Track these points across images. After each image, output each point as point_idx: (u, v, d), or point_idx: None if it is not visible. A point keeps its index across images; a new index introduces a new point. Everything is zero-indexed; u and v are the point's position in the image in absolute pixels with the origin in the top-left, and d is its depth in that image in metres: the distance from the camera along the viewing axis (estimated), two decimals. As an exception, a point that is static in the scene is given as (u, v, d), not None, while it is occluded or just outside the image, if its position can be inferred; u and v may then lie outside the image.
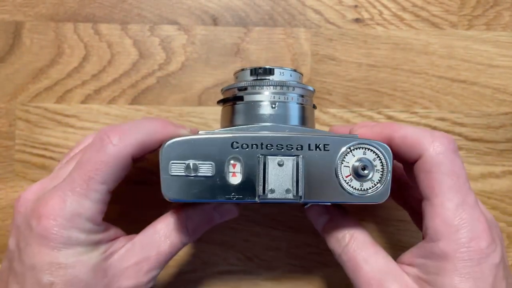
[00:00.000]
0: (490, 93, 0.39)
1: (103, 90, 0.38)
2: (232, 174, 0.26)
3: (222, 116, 0.32)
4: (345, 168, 0.27)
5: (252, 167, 0.26)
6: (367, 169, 0.26)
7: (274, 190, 0.26)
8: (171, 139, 0.26)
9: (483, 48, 0.39)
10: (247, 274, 0.38)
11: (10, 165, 0.38)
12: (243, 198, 0.26)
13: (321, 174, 0.26)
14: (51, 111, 0.38)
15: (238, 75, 0.31)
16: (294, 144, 0.26)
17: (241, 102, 0.30)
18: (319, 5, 0.39)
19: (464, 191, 0.26)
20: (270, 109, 0.29)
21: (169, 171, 0.26)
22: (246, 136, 0.26)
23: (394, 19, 0.39)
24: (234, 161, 0.26)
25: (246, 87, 0.30)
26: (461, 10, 0.39)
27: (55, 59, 0.38)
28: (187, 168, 0.26)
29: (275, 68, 0.30)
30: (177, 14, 0.39)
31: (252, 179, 0.26)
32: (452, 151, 0.26)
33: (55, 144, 0.38)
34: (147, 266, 0.28)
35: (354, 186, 0.27)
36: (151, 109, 0.38)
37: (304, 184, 0.26)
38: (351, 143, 0.27)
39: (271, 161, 0.26)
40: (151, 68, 0.38)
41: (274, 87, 0.29)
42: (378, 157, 0.27)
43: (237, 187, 0.26)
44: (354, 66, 0.39)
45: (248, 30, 0.39)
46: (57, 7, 0.38)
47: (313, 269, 0.38)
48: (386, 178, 0.27)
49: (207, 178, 0.26)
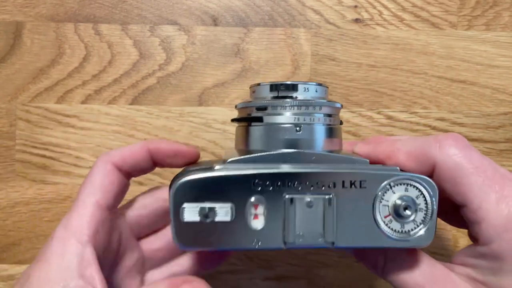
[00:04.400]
0: (490, 93, 0.39)
1: (103, 90, 0.38)
2: (254, 217, 0.23)
3: (237, 136, 0.28)
4: (384, 208, 0.23)
5: (277, 208, 0.23)
6: (409, 208, 0.23)
7: (303, 235, 0.23)
8: (183, 178, 0.23)
9: (483, 48, 0.39)
10: (247, 274, 0.38)
11: (10, 165, 0.38)
12: (267, 245, 0.23)
13: (356, 215, 0.23)
14: (52, 111, 0.38)
15: (255, 89, 0.28)
16: (325, 181, 0.23)
17: (260, 123, 0.26)
18: (319, 5, 0.39)
19: (497, 182, 0.23)
20: (294, 132, 0.25)
21: (181, 216, 0.22)
22: (269, 174, 0.23)
23: (393, 20, 0.39)
24: (256, 201, 0.23)
25: (266, 106, 0.26)
26: (461, 10, 0.39)
27: (55, 59, 0.38)
28: (202, 212, 0.22)
29: (298, 84, 0.26)
30: (177, 14, 0.39)
31: (277, 222, 0.23)
32: (463, 147, 0.24)
33: (55, 144, 0.38)
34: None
35: (394, 228, 0.23)
36: (152, 109, 0.38)
37: (336, 228, 0.23)
38: (391, 179, 0.23)
39: (299, 202, 0.23)
40: (151, 68, 0.38)
41: (298, 108, 0.25)
42: (421, 194, 0.23)
43: (261, 232, 0.23)
44: (354, 66, 0.39)
45: (248, 31, 0.39)
46: (58, 7, 0.38)
47: (313, 269, 0.38)
48: (430, 218, 0.23)
49: (226, 223, 0.23)
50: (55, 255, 0.24)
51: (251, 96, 0.28)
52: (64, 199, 0.38)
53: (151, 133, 0.38)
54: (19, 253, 0.38)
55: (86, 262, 0.24)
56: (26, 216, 0.38)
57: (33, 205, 0.38)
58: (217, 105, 0.38)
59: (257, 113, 0.26)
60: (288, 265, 0.38)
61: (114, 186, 0.26)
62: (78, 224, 0.25)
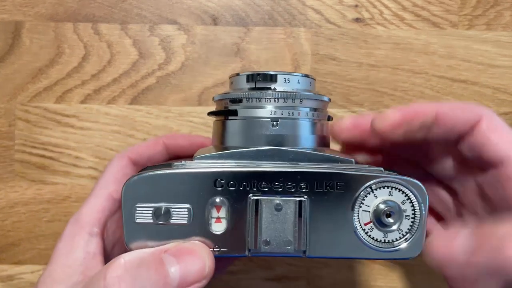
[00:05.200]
0: (491, 93, 0.39)
1: (103, 90, 0.38)
2: (216, 220, 0.21)
3: (213, 132, 0.26)
4: (364, 214, 0.21)
5: (241, 211, 0.21)
6: (393, 215, 0.21)
7: (270, 241, 0.21)
8: (135, 175, 0.21)
9: (484, 48, 0.39)
10: (246, 274, 0.38)
11: (9, 165, 0.38)
12: (228, 252, 0.21)
13: (332, 221, 0.21)
14: (51, 111, 0.38)
15: (232, 80, 0.26)
16: (296, 182, 0.21)
17: (235, 117, 0.24)
18: (319, 4, 0.39)
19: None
20: (270, 127, 0.23)
21: (133, 217, 0.21)
22: (233, 172, 0.20)
23: (394, 19, 0.39)
24: (218, 203, 0.21)
25: (241, 98, 0.23)
26: (462, 10, 0.39)
27: (54, 59, 0.38)
28: (157, 213, 0.20)
29: (278, 74, 0.24)
30: (177, 14, 0.39)
31: (240, 226, 0.21)
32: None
33: (54, 144, 0.38)
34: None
35: (376, 237, 0.21)
36: (151, 109, 0.38)
37: (309, 235, 0.21)
38: (373, 181, 0.21)
39: (266, 205, 0.21)
40: (151, 68, 0.38)
41: (276, 100, 0.23)
42: (408, 199, 0.21)
43: (221, 237, 0.21)
44: (355, 66, 0.39)
45: (248, 30, 0.39)
46: (57, 7, 0.38)
47: (312, 270, 0.38)
48: (418, 227, 0.21)
49: (183, 226, 0.21)
50: (61, 255, 0.25)
51: (230, 88, 0.26)
52: (64, 199, 0.38)
53: (151, 133, 0.38)
54: (18, 253, 0.38)
55: (92, 254, 0.24)
56: (25, 216, 0.38)
57: (32, 205, 0.38)
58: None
59: (232, 105, 0.24)
60: (288, 266, 0.38)
61: None
62: (88, 217, 0.25)
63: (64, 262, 0.24)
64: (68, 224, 0.26)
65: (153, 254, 0.21)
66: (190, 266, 0.20)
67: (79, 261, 0.24)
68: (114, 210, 0.26)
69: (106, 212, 0.26)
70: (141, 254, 0.21)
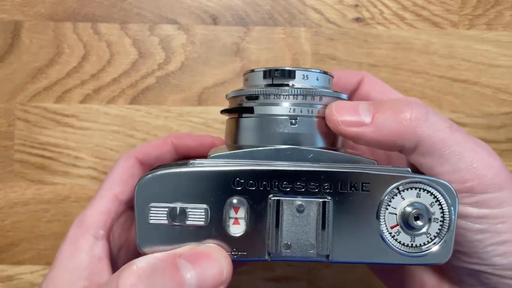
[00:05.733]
0: (491, 93, 0.39)
1: (102, 90, 0.38)
2: (234, 222, 0.20)
3: (226, 130, 0.25)
4: (391, 216, 0.20)
5: (261, 212, 0.20)
6: (421, 218, 0.20)
7: (291, 245, 0.20)
8: (149, 173, 0.20)
9: (484, 47, 0.39)
10: (247, 275, 0.38)
11: (9, 165, 0.38)
12: (247, 256, 0.20)
13: (356, 223, 0.20)
14: (50, 111, 0.38)
15: (247, 77, 0.25)
16: (320, 182, 0.20)
17: (251, 115, 0.23)
18: (319, 4, 0.39)
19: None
20: (289, 126, 0.22)
21: (147, 217, 0.20)
22: (252, 171, 0.20)
23: (394, 19, 0.39)
24: (236, 204, 0.20)
25: (258, 95, 0.22)
26: (462, 9, 0.39)
27: (54, 58, 0.38)
28: (172, 213, 0.20)
29: (296, 70, 0.23)
30: (177, 13, 0.39)
31: (260, 229, 0.20)
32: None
33: (54, 144, 0.38)
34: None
35: (403, 242, 0.20)
36: (151, 109, 0.38)
37: (332, 238, 0.20)
38: (400, 181, 0.20)
39: (287, 205, 0.20)
40: (150, 68, 0.38)
41: (295, 97, 0.22)
42: (437, 201, 0.20)
43: (240, 239, 0.20)
44: (355, 66, 0.38)
45: (248, 30, 0.38)
46: (56, 6, 0.38)
47: (313, 270, 0.38)
48: (447, 231, 0.20)
49: (199, 228, 0.20)
50: (65, 259, 0.24)
51: (244, 85, 0.25)
52: (63, 199, 0.38)
53: (151, 133, 0.38)
54: (18, 253, 0.38)
55: (97, 258, 0.23)
56: (25, 216, 0.38)
57: (32, 205, 0.38)
58: (217, 105, 0.38)
59: (247, 102, 0.23)
60: (289, 267, 0.38)
61: (135, 180, 0.25)
62: (93, 218, 0.24)
63: (68, 266, 0.23)
64: (72, 226, 0.25)
65: (167, 259, 0.19)
66: (207, 271, 0.19)
67: (84, 265, 0.23)
68: (120, 212, 0.26)
69: (112, 214, 0.25)
70: (154, 260, 0.20)
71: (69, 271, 0.23)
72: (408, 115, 0.21)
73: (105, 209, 0.25)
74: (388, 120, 0.21)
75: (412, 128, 0.21)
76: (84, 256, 0.23)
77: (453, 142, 0.21)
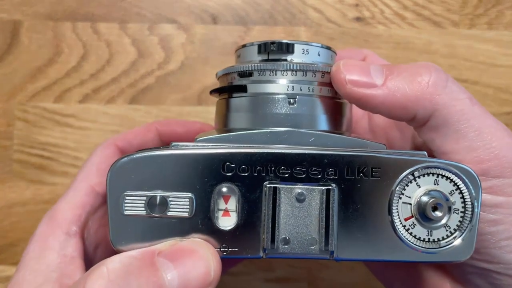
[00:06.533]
0: (492, 93, 0.38)
1: (101, 90, 0.38)
2: (223, 213, 0.17)
3: (216, 114, 0.22)
4: (404, 206, 0.17)
5: (255, 202, 0.17)
6: (440, 208, 0.17)
7: (289, 240, 0.17)
8: (124, 156, 0.17)
9: (485, 47, 0.39)
10: (247, 276, 0.38)
11: (8, 165, 0.38)
12: (239, 252, 0.17)
13: (365, 215, 0.17)
14: (50, 111, 0.38)
15: (240, 53, 0.22)
16: (323, 167, 0.17)
17: (243, 94, 0.20)
18: (319, 3, 0.39)
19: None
20: (287, 106, 0.19)
21: (121, 208, 0.17)
22: (245, 153, 0.17)
23: (395, 18, 0.39)
24: (226, 192, 0.17)
25: (251, 71, 0.20)
26: (463, 9, 0.39)
27: (53, 58, 0.38)
28: (150, 203, 0.17)
29: (295, 44, 0.20)
30: (177, 13, 0.38)
31: (254, 221, 0.17)
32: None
33: (53, 144, 0.38)
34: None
35: (418, 236, 0.17)
36: (150, 108, 0.38)
37: (337, 232, 0.17)
38: (415, 166, 0.17)
39: (285, 194, 0.17)
40: (150, 68, 0.38)
41: (293, 73, 0.19)
42: (458, 189, 0.17)
43: (230, 234, 0.17)
44: (355, 66, 0.38)
45: (248, 29, 0.38)
46: (56, 6, 0.38)
47: (313, 270, 0.38)
48: (470, 223, 0.17)
49: (182, 220, 0.17)
50: (32, 259, 0.21)
51: (236, 62, 0.22)
52: (62, 199, 0.38)
53: (150, 133, 0.38)
54: (17, 254, 0.38)
55: (69, 257, 0.21)
56: (24, 216, 0.38)
57: (31, 205, 0.38)
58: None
59: (240, 80, 0.20)
60: (289, 267, 0.38)
61: None
62: (65, 213, 0.22)
63: (35, 267, 0.21)
64: (41, 222, 0.22)
65: (144, 257, 0.17)
66: (191, 271, 0.17)
67: (53, 266, 0.20)
68: (97, 206, 0.23)
69: (87, 208, 0.22)
70: (129, 259, 0.17)
71: (36, 274, 0.21)
72: (426, 79, 0.19)
73: (79, 202, 0.22)
74: (402, 83, 0.19)
75: (428, 93, 0.19)
76: (54, 256, 0.21)
77: (473, 116, 0.19)
